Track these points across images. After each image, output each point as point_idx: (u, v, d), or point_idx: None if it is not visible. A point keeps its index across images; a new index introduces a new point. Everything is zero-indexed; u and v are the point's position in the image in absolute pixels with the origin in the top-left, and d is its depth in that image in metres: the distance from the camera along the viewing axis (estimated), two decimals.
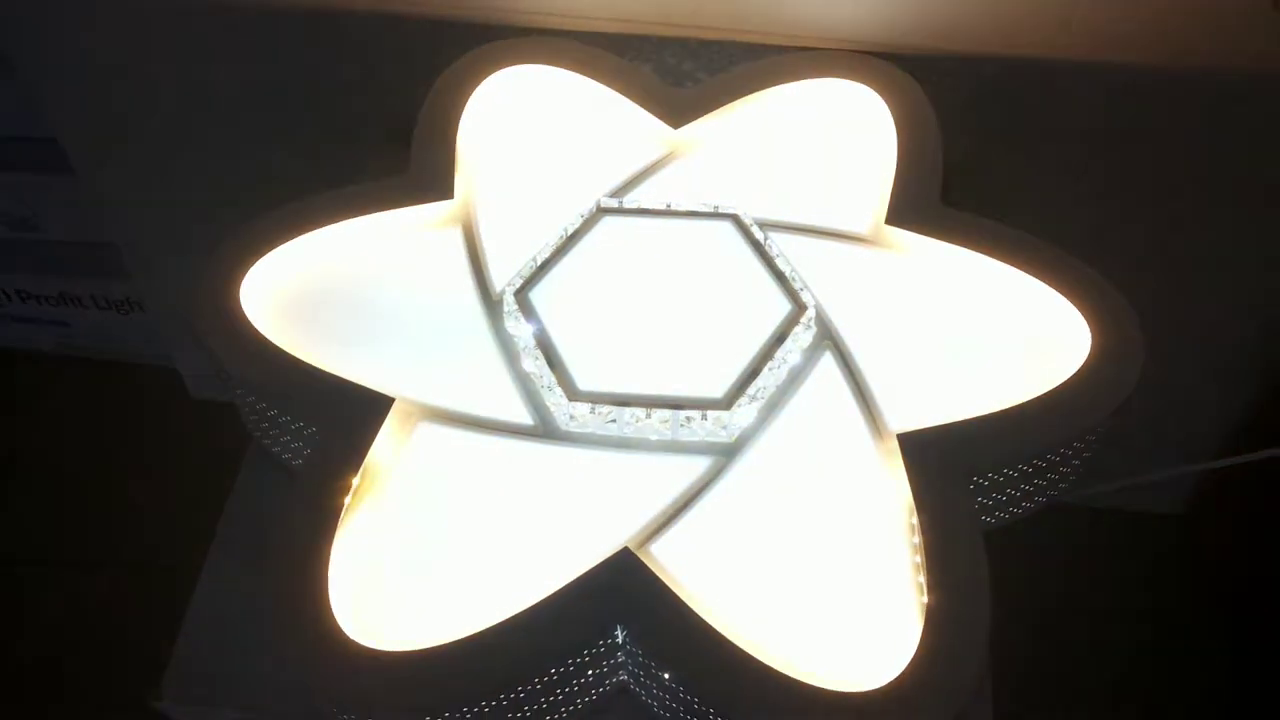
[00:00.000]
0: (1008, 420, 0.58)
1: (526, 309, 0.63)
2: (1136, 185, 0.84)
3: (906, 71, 0.74)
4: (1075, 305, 0.63)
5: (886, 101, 0.73)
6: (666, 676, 0.52)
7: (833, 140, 0.74)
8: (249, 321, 0.63)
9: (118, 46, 0.88)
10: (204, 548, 0.68)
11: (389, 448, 0.60)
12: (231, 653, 0.62)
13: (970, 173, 0.81)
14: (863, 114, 0.74)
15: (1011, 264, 0.65)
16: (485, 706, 0.51)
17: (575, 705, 0.56)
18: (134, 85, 0.91)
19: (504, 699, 0.52)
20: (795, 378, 0.62)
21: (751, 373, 0.60)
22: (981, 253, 0.66)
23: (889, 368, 0.62)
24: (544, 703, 0.53)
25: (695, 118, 0.74)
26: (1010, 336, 0.63)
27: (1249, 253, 0.88)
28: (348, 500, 0.57)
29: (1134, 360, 0.60)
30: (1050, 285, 0.64)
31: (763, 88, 0.75)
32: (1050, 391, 0.59)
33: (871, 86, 0.74)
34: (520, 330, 0.63)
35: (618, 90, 0.76)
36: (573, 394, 0.60)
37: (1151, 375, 0.60)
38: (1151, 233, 0.88)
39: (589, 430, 0.60)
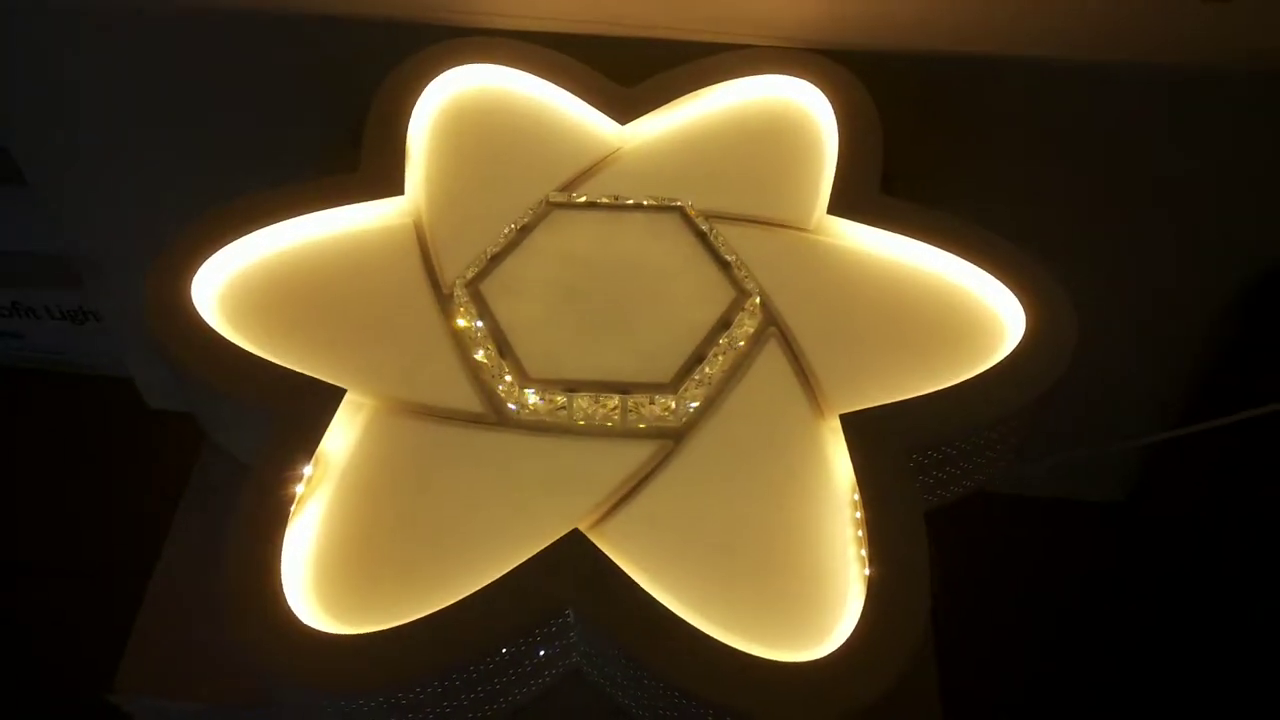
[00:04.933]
0: (944, 399, 0.60)
1: (477, 300, 0.64)
2: (1084, 181, 0.86)
3: (851, 68, 0.76)
4: (1010, 288, 0.65)
5: (827, 95, 0.75)
6: (617, 653, 0.53)
7: (776, 134, 0.76)
8: (200, 317, 0.63)
9: (70, 55, 0.88)
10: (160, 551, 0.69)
11: (342, 438, 0.60)
12: (186, 645, 0.62)
13: (919, 166, 0.84)
14: (805, 108, 0.76)
15: (948, 249, 0.67)
16: (439, 687, 0.52)
17: (529, 686, 0.57)
18: (85, 93, 0.92)
19: (457, 679, 0.52)
20: (741, 363, 0.63)
21: (697, 358, 0.61)
22: (919, 239, 0.68)
23: (832, 352, 0.64)
24: (497, 683, 0.54)
25: (643, 113, 0.76)
26: (947, 319, 0.65)
27: (1190, 245, 0.91)
28: (301, 489, 0.57)
29: (1066, 340, 0.62)
30: (985, 269, 0.66)
31: (709, 84, 0.77)
32: (985, 371, 0.61)
33: (813, 82, 0.76)
34: (471, 321, 0.64)
35: (566, 88, 0.77)
36: (523, 381, 0.61)
37: (1091, 359, 0.63)
38: (1099, 227, 0.90)
39: (540, 417, 0.61)
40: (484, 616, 0.52)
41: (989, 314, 0.65)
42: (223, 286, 0.66)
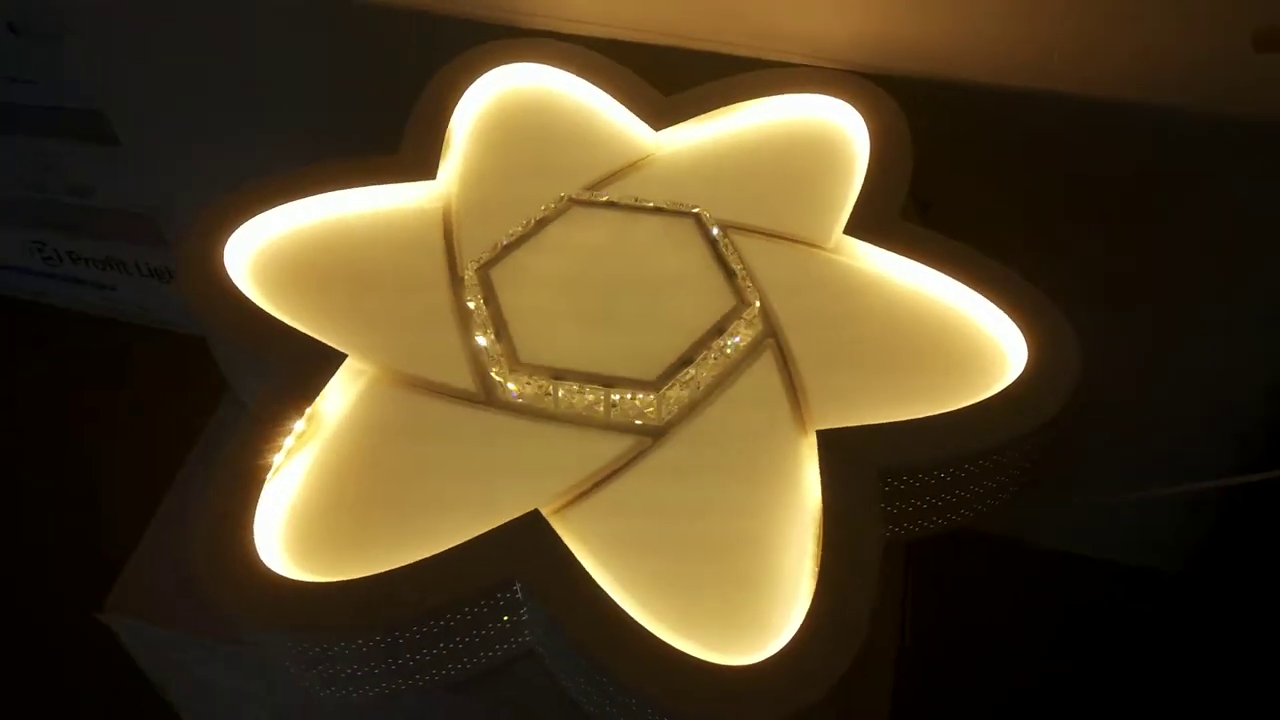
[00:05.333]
0: (925, 427, 0.59)
1: (485, 284, 0.67)
2: (1112, 218, 0.84)
3: (895, 95, 0.76)
4: (1017, 324, 0.64)
5: (864, 117, 0.75)
6: (560, 637, 0.55)
7: (808, 152, 0.76)
8: (226, 272, 0.67)
9: (164, 27, 0.94)
10: None
11: (339, 400, 0.63)
12: (179, 578, 0.65)
13: (958, 195, 0.83)
14: (841, 129, 0.76)
15: (960, 279, 0.66)
16: (392, 640, 0.54)
17: (478, 657, 0.58)
18: (177, 64, 0.98)
19: (406, 635, 0.54)
20: (732, 371, 0.64)
21: (685, 360, 0.62)
22: (932, 267, 0.67)
23: (825, 369, 0.64)
24: (444, 648, 0.56)
25: (677, 121, 0.77)
26: (948, 348, 0.64)
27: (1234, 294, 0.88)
28: (290, 442, 0.60)
29: (1065, 382, 0.61)
30: (994, 302, 0.65)
31: (748, 98, 0.78)
32: (973, 404, 0.60)
33: (852, 104, 0.76)
34: (477, 303, 0.66)
35: (609, 92, 0.79)
36: (513, 365, 0.62)
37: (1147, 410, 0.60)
38: (1145, 268, 0.88)
39: (526, 402, 0.63)
40: (431, 581, 0.54)
41: (992, 347, 0.64)
42: (256, 249, 0.70)
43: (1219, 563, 1.10)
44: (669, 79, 0.82)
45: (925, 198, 0.84)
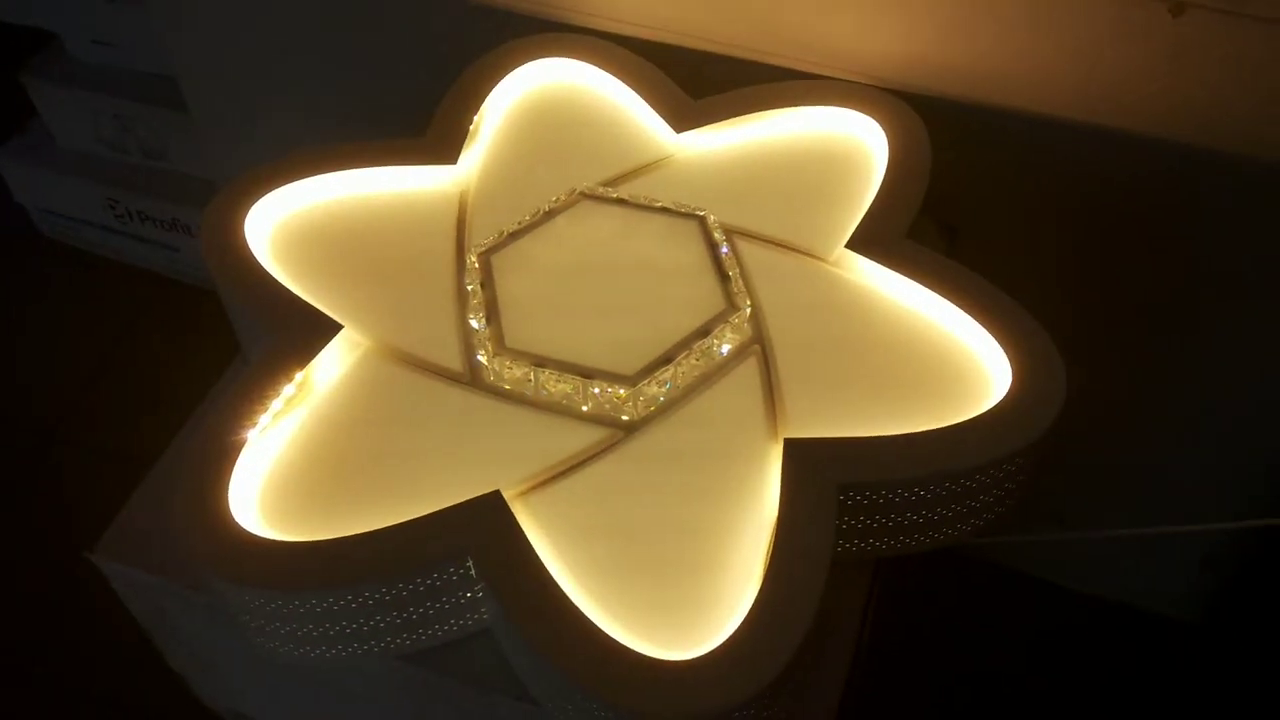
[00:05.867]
0: (888, 446, 0.59)
1: (485, 268, 0.68)
2: (1140, 254, 0.82)
3: (923, 114, 0.76)
4: (1006, 352, 0.63)
5: (886, 133, 0.75)
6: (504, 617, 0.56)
7: (826, 164, 0.76)
8: (242, 237, 0.70)
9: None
10: None
11: (330, 369, 0.65)
12: (166, 526, 0.68)
13: (977, 219, 0.82)
14: (862, 144, 0.76)
15: (955, 303, 0.65)
16: (345, 603, 0.56)
17: (433, 630, 0.59)
18: (245, 35, 1.02)
19: (359, 600, 0.56)
20: (714, 373, 0.64)
21: (665, 359, 0.63)
22: (928, 288, 0.66)
23: (807, 379, 0.64)
24: (398, 616, 0.57)
25: (700, 124, 0.78)
26: (932, 370, 0.64)
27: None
28: (278, 405, 0.63)
29: (1040, 417, 0.60)
30: (987, 329, 0.64)
31: (775, 107, 0.78)
32: (943, 428, 0.60)
33: (877, 119, 0.76)
34: (474, 287, 0.67)
35: (638, 91, 0.80)
36: (498, 349, 0.64)
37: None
38: (1154, 301, 0.86)
39: (507, 386, 0.64)
40: (386, 549, 0.56)
41: (976, 373, 0.63)
42: (280, 218, 0.73)
43: (1233, 616, 1.07)
44: (700, 82, 0.82)
45: (952, 222, 0.84)
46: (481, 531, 0.56)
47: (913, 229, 0.71)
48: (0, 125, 1.40)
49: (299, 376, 0.64)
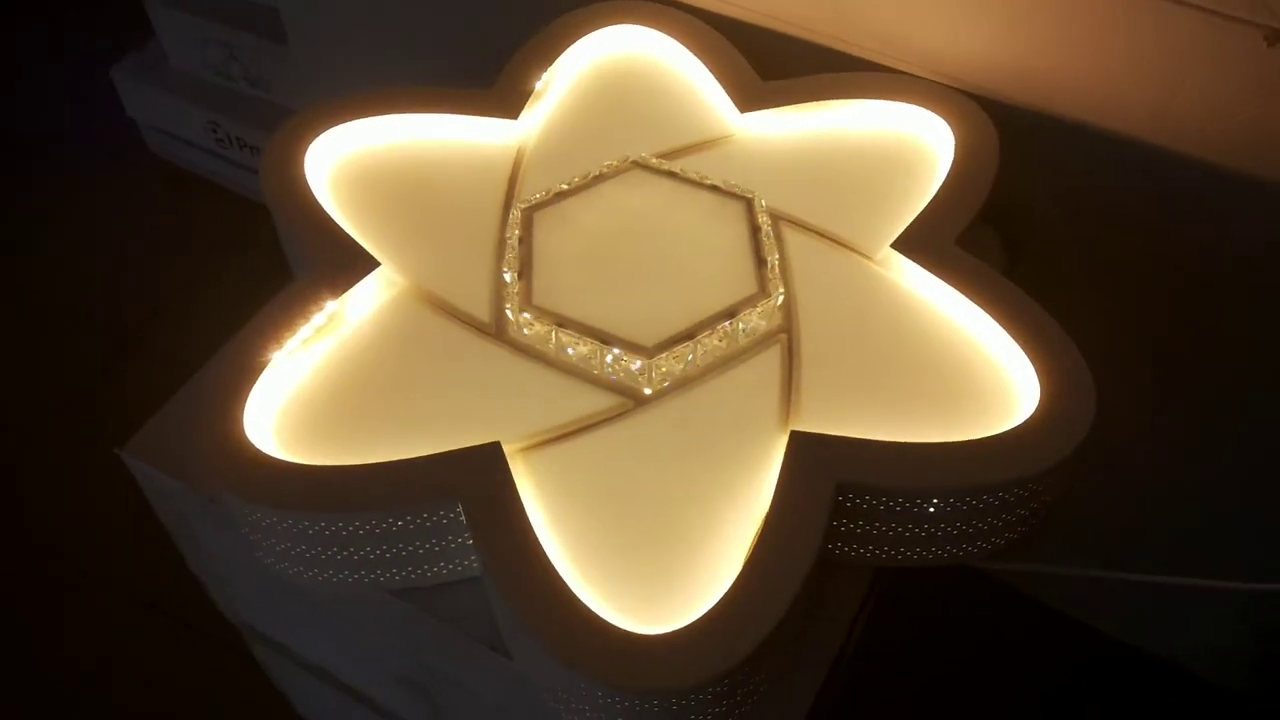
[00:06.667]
0: (891, 452, 0.58)
1: (527, 224, 0.69)
2: (1203, 289, 0.78)
3: (999, 121, 0.73)
4: (1037, 375, 0.61)
5: (955, 136, 0.73)
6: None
7: (888, 161, 0.74)
8: (300, 170, 0.71)
9: None
10: None
11: (363, 304, 0.67)
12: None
13: (1044, 235, 0.79)
14: (928, 145, 0.74)
15: (993, 316, 0.63)
16: (337, 529, 0.57)
17: (424, 569, 0.60)
18: None
19: (351, 529, 0.57)
20: (736, 356, 0.64)
21: (686, 335, 0.62)
22: (968, 297, 0.65)
23: (829, 374, 0.63)
24: (387, 551, 0.58)
25: (767, 106, 0.77)
26: (957, 381, 0.62)
27: None
28: (307, 332, 0.64)
29: (1057, 447, 0.58)
30: (1023, 348, 0.62)
31: (841, 97, 0.76)
32: (952, 442, 0.58)
33: (945, 118, 0.74)
34: (513, 240, 0.68)
35: (710, 67, 0.79)
36: (523, 304, 0.64)
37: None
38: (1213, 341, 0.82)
39: (530, 342, 0.64)
40: (380, 483, 0.57)
41: (1001, 392, 0.61)
42: (342, 154, 0.74)
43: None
44: (772, 64, 0.81)
45: (1018, 236, 0.81)
46: (474, 479, 0.57)
47: (976, 239, 0.69)
48: (122, 41, 1.47)
49: (331, 306, 0.65)
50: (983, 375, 0.62)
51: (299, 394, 0.62)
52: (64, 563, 1.17)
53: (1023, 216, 0.80)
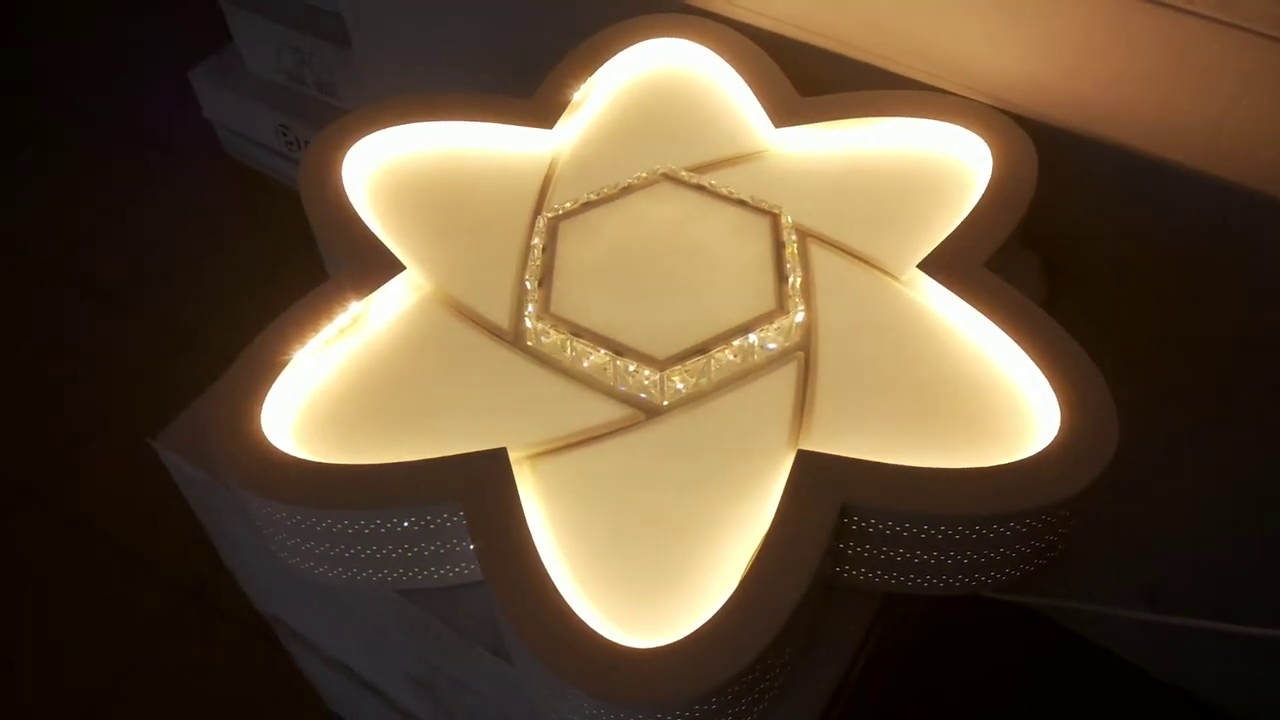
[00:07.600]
0: (898, 476, 0.56)
1: (551, 233, 0.69)
2: (1254, 333, 0.75)
3: (1040, 142, 0.72)
4: (1061, 408, 0.59)
5: (994, 157, 0.71)
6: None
7: (923, 181, 0.73)
8: (336, 173, 0.73)
9: None
10: None
11: (387, 306, 0.68)
12: None
13: (1085, 261, 0.77)
14: (965, 165, 0.73)
15: (1021, 345, 0.62)
16: (344, 527, 0.58)
17: (429, 571, 0.61)
18: None
19: (357, 528, 0.58)
20: (751, 372, 0.63)
21: (700, 349, 0.62)
22: (995, 324, 0.63)
23: (844, 395, 0.62)
24: (393, 551, 0.59)
25: (802, 122, 0.76)
26: (976, 409, 0.60)
27: None
28: (330, 332, 0.66)
29: (1070, 481, 0.56)
30: (1048, 379, 0.60)
31: (878, 114, 0.75)
32: (963, 469, 0.57)
33: (984, 138, 0.72)
34: (537, 249, 0.68)
35: (748, 81, 0.79)
36: (541, 312, 0.65)
37: None
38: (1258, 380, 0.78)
39: (547, 352, 0.65)
40: (386, 483, 0.58)
41: (1020, 420, 0.60)
42: (379, 160, 0.76)
43: None
44: (816, 80, 0.81)
45: (1058, 261, 0.79)
46: (477, 484, 0.58)
47: (1016, 263, 0.68)
48: (202, 44, 1.52)
49: (355, 308, 0.66)
50: (1000, 401, 0.61)
51: (318, 392, 0.64)
52: (109, 547, 1.21)
53: (1065, 241, 0.78)
